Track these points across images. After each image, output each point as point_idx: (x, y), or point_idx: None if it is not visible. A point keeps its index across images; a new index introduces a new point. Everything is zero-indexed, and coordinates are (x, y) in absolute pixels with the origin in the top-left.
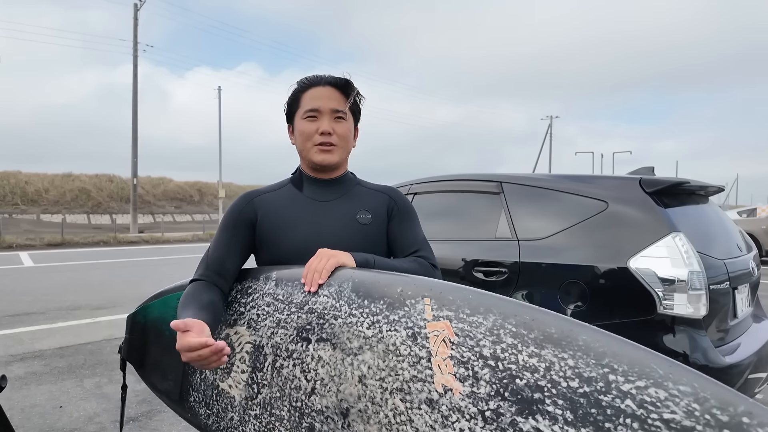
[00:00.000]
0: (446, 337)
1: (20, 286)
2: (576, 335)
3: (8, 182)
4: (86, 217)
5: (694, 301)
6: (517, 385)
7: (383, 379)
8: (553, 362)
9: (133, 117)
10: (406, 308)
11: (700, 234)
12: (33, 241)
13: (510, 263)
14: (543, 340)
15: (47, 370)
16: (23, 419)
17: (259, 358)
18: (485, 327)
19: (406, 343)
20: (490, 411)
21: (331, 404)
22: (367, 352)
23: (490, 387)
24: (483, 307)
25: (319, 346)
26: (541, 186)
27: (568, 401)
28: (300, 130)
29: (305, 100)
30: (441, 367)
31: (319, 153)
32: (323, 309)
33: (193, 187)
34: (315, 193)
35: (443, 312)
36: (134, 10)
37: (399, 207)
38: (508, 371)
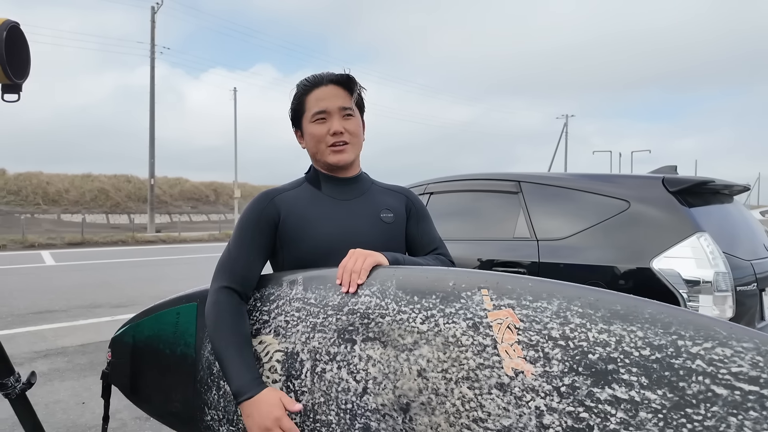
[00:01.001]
0: (511, 324)
1: (42, 285)
2: (641, 309)
3: (30, 183)
4: (105, 217)
5: (720, 303)
6: (590, 360)
7: (446, 371)
8: (623, 335)
9: (150, 118)
10: (463, 300)
11: (725, 234)
12: (54, 240)
13: (528, 263)
14: (610, 316)
15: (70, 366)
16: (47, 415)
17: (294, 365)
18: (551, 311)
19: (467, 333)
20: (565, 386)
21: (388, 401)
22: (424, 346)
23: (562, 365)
24: (545, 293)
25: (366, 346)
26: (561, 185)
27: (642, 368)
28: (311, 133)
29: (311, 102)
30: (509, 353)
31: (333, 154)
32: (366, 309)
33: (209, 187)
34: (334, 191)
35: (504, 301)
36: (151, 13)
37: (416, 207)
38: (580, 348)
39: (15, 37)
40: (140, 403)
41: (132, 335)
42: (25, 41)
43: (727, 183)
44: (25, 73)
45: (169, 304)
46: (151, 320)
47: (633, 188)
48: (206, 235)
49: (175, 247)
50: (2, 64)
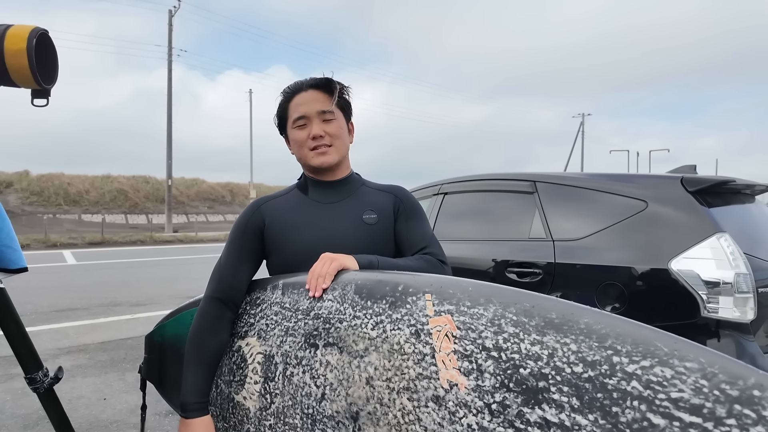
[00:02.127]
0: (449, 332)
1: (64, 283)
2: (577, 318)
3: (52, 183)
4: (124, 217)
5: (741, 305)
6: (522, 375)
7: (390, 379)
8: (556, 348)
9: (167, 120)
10: (408, 306)
11: (746, 234)
12: (75, 239)
13: (544, 264)
14: (544, 326)
15: (91, 363)
16: (70, 410)
17: (270, 367)
18: (486, 318)
19: (410, 340)
20: (496, 404)
21: (341, 408)
22: (373, 353)
23: (494, 379)
24: (483, 297)
25: (326, 351)
26: (577, 185)
27: (573, 387)
28: (293, 138)
29: (292, 108)
30: (445, 363)
31: (316, 156)
32: (329, 313)
33: (225, 187)
34: (320, 195)
35: (444, 306)
36: (169, 16)
37: (405, 205)
38: (512, 361)
39: (44, 43)
40: (166, 396)
41: (161, 334)
42: (53, 48)
43: (748, 182)
44: (54, 79)
45: (188, 307)
46: (174, 321)
47: (651, 188)
48: (222, 235)
49: (191, 247)
50: (32, 70)
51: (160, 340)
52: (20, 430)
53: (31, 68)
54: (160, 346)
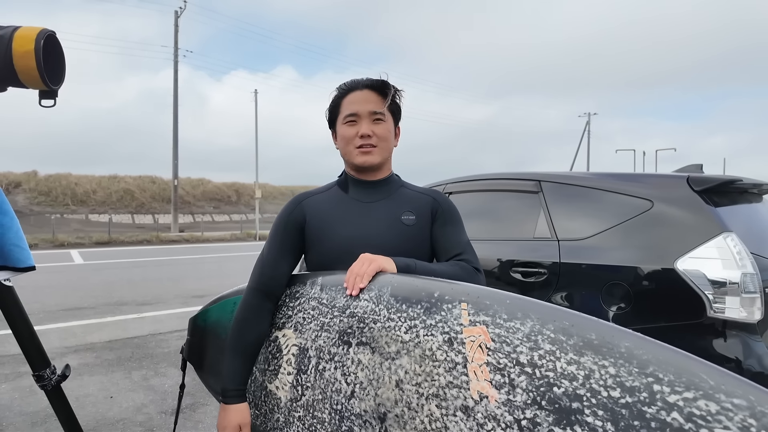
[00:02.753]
0: (482, 343)
1: (72, 282)
2: (618, 342)
3: (60, 184)
4: (130, 217)
5: (748, 305)
6: (555, 394)
7: (419, 385)
8: (593, 370)
9: (174, 120)
10: (443, 313)
11: (753, 234)
12: (82, 239)
13: (549, 264)
14: (582, 346)
15: (98, 362)
16: (78, 408)
17: (304, 360)
18: (522, 333)
19: (442, 348)
20: (526, 420)
21: (369, 408)
22: (405, 356)
23: (526, 395)
24: (520, 312)
25: (359, 350)
26: (582, 185)
27: (609, 412)
28: (341, 134)
29: (345, 105)
30: (477, 374)
31: (360, 155)
32: (363, 313)
33: (230, 187)
34: (360, 194)
35: (480, 317)
36: (175, 17)
37: (443, 209)
38: (546, 379)
39: (52, 45)
40: (204, 378)
41: (204, 318)
42: (61, 49)
43: (755, 182)
44: (61, 80)
45: (231, 294)
46: (217, 307)
47: (656, 187)
48: (228, 235)
49: (197, 247)
50: (40, 71)
51: (203, 324)
52: (28, 428)
53: (39, 70)
54: (202, 329)
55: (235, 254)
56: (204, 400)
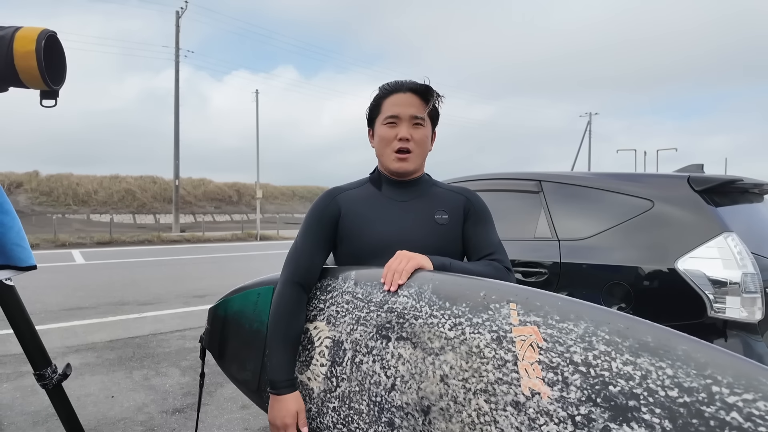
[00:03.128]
0: (534, 342)
1: (73, 282)
2: (675, 345)
3: (61, 184)
4: (132, 217)
5: (749, 305)
6: (611, 392)
7: (466, 380)
8: (650, 371)
9: (175, 120)
10: (490, 312)
11: (754, 234)
12: (84, 239)
13: (550, 264)
14: (638, 348)
15: (99, 361)
16: (79, 407)
17: (339, 353)
18: (576, 334)
19: (490, 346)
20: (580, 416)
21: (412, 401)
22: (449, 352)
23: (581, 392)
24: (573, 314)
25: (399, 345)
26: (583, 184)
27: (666, 410)
28: (380, 135)
29: (386, 106)
30: (528, 371)
31: (395, 161)
32: (403, 309)
33: (231, 187)
34: (393, 192)
35: (530, 317)
36: (176, 18)
37: (475, 208)
38: (601, 378)
39: (52, 45)
40: (223, 367)
41: (225, 308)
42: (62, 49)
43: (756, 182)
44: (62, 80)
45: (253, 285)
46: (239, 297)
47: (657, 187)
48: (229, 235)
49: (199, 247)
50: (41, 71)
51: (223, 314)
52: (30, 427)
53: (40, 70)
54: (223, 319)
55: (236, 254)
56: (204, 400)
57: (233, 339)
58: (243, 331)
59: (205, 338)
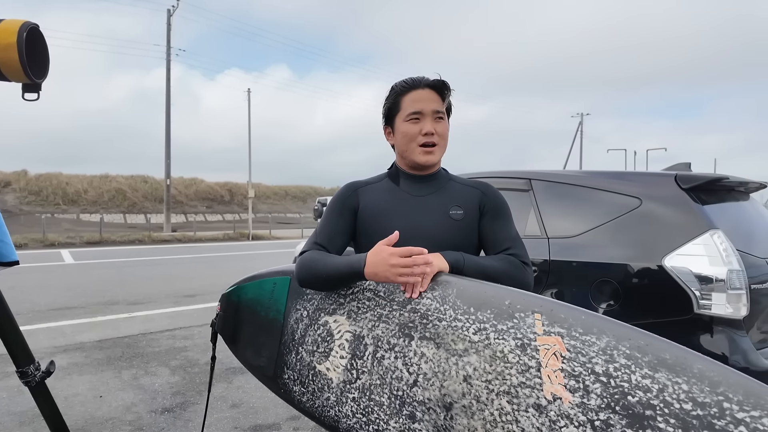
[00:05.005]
0: (557, 352)
1: (62, 282)
2: (691, 363)
3: (50, 183)
4: (122, 217)
5: (734, 301)
6: (629, 401)
7: (490, 381)
8: (667, 385)
9: (166, 119)
10: (515, 320)
11: (740, 232)
12: (73, 239)
13: (539, 262)
14: (657, 363)
15: (88, 361)
16: (66, 407)
17: (359, 346)
18: (598, 346)
19: (514, 351)
20: (600, 421)
21: (434, 397)
22: (473, 355)
23: (601, 400)
24: (596, 328)
25: (422, 344)
26: (572, 183)
27: (681, 421)
28: (403, 131)
29: (406, 102)
30: (551, 378)
31: (422, 154)
32: (426, 310)
33: (223, 187)
34: (411, 187)
35: (555, 328)
36: (167, 16)
37: (491, 203)
38: (621, 388)
39: (34, 38)
40: (236, 352)
41: (238, 294)
42: (44, 42)
43: (742, 180)
44: (44, 73)
45: (270, 274)
46: (254, 285)
47: (645, 185)
48: (221, 235)
49: (190, 246)
50: (23, 64)
51: (237, 300)
52: (16, 427)
53: (22, 62)
54: (236, 305)
55: (227, 254)
56: (194, 399)
57: (248, 325)
58: (258, 319)
59: (217, 323)
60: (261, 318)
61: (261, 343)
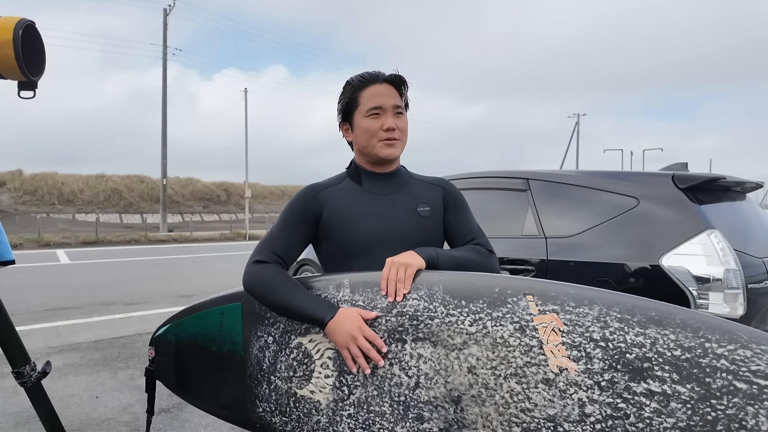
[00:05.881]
0: (555, 327)
1: (57, 282)
2: (674, 316)
3: (46, 183)
4: (118, 217)
5: (731, 301)
6: (627, 359)
7: (495, 368)
8: (657, 338)
9: (162, 119)
10: (509, 305)
11: (737, 231)
12: (69, 239)
13: (537, 261)
14: (646, 321)
15: (84, 362)
16: (62, 408)
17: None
18: (592, 316)
19: (514, 335)
20: (605, 381)
21: (440, 395)
22: (473, 345)
23: (603, 363)
24: (587, 299)
25: (417, 345)
26: (570, 183)
27: (673, 366)
28: (364, 127)
29: (365, 97)
30: (554, 352)
31: (384, 148)
32: (415, 311)
33: (220, 187)
34: (374, 186)
35: (549, 306)
36: (163, 15)
37: (452, 198)
38: (618, 349)
39: (30, 35)
40: (188, 397)
41: (174, 333)
42: (40, 39)
43: (738, 180)
44: (40, 71)
45: (211, 304)
46: (193, 319)
47: (642, 185)
48: (217, 235)
49: (186, 246)
50: (19, 61)
51: (175, 339)
52: (11, 428)
53: (18, 59)
54: (175, 346)
55: (224, 254)
56: None
57: (197, 366)
58: (210, 356)
59: (154, 369)
60: (213, 354)
61: (219, 380)
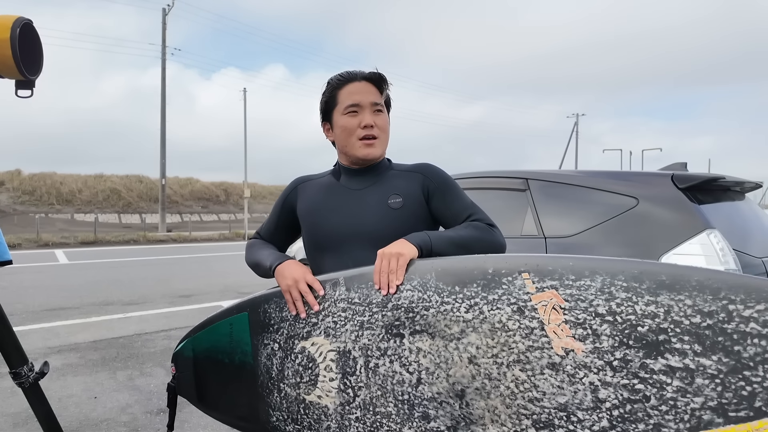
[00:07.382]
0: (556, 305)
1: (56, 282)
2: (688, 277)
3: (44, 183)
4: (117, 217)
5: None
6: (640, 332)
7: (496, 356)
8: (671, 305)
9: (161, 119)
10: (504, 286)
11: (736, 231)
12: (67, 239)
13: None
14: (656, 287)
15: (82, 362)
16: (60, 408)
17: (348, 362)
18: (595, 288)
19: (513, 318)
20: (617, 360)
21: (443, 389)
22: (471, 334)
23: (612, 339)
24: (587, 270)
25: (415, 339)
26: (569, 182)
27: (694, 336)
28: (342, 125)
29: (343, 95)
30: (557, 333)
31: (363, 147)
32: (410, 303)
33: (219, 187)
34: (350, 182)
35: (546, 282)
36: (162, 15)
37: (435, 182)
38: (628, 322)
39: (28, 34)
40: (209, 410)
41: (191, 348)
42: (38, 38)
43: (738, 180)
44: (38, 70)
45: (221, 316)
46: (206, 333)
47: (641, 185)
48: (216, 235)
49: (185, 246)
50: (16, 60)
51: (192, 354)
52: (10, 429)
53: (15, 58)
54: (192, 361)
55: (223, 254)
56: None
57: (213, 378)
58: (224, 368)
59: (176, 385)
60: (226, 366)
61: (234, 391)
